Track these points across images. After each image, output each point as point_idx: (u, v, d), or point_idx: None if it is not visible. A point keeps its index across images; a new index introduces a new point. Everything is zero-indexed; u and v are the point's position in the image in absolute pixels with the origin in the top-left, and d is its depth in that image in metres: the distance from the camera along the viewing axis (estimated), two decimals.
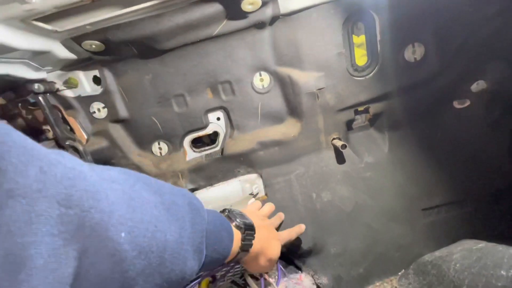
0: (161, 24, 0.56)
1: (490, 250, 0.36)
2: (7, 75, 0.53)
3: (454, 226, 0.71)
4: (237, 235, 0.41)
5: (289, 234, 0.60)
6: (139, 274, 0.24)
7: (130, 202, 0.24)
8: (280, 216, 0.66)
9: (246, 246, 0.41)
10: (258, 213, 0.56)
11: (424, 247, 0.69)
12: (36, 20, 0.46)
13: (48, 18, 0.47)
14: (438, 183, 0.73)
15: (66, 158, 0.20)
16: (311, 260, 0.69)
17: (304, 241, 0.69)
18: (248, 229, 0.42)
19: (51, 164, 0.18)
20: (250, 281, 0.49)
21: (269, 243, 0.48)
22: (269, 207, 0.62)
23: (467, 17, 0.63)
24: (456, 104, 0.73)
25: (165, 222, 0.27)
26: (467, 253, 0.38)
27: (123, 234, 0.22)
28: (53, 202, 0.17)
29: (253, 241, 0.43)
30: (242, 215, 0.44)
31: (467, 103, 0.72)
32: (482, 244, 0.38)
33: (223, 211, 0.45)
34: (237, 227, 0.41)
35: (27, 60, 0.57)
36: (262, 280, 0.49)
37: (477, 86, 0.71)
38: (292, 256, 0.70)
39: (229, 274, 0.59)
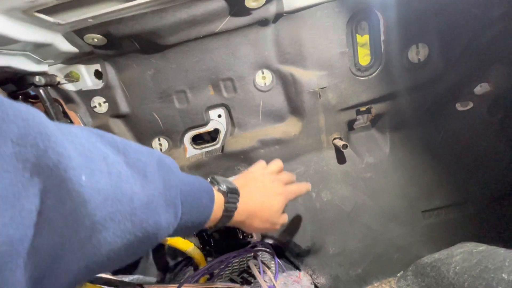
0: (164, 19, 0.56)
1: (491, 253, 0.35)
2: (8, 67, 0.53)
3: (454, 228, 0.71)
4: (220, 197, 0.39)
5: (298, 188, 0.53)
6: (108, 220, 0.23)
7: (90, 154, 0.23)
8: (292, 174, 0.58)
9: (229, 208, 0.40)
10: (261, 170, 0.51)
11: (424, 249, 0.69)
12: (38, 11, 0.46)
13: (51, 10, 0.47)
14: (438, 185, 0.72)
15: (24, 105, 0.19)
16: (310, 259, 0.69)
17: (303, 240, 0.69)
18: (231, 192, 0.41)
19: (3, 105, 0.18)
20: (254, 270, 0.49)
21: (265, 201, 0.45)
22: (276, 164, 0.54)
23: (472, 19, 0.63)
24: (459, 106, 0.73)
25: (130, 177, 0.26)
26: (467, 255, 0.38)
27: (83, 177, 0.21)
28: (6, 140, 0.17)
29: (238, 204, 0.41)
30: (226, 181, 0.42)
31: (470, 105, 0.72)
32: (482, 247, 0.38)
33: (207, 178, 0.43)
34: (219, 190, 0.40)
35: (28, 53, 0.56)
36: (262, 274, 0.49)
37: (481, 88, 0.71)
38: (291, 255, 0.70)
39: (227, 271, 0.59)
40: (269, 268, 0.54)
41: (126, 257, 0.27)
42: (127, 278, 0.51)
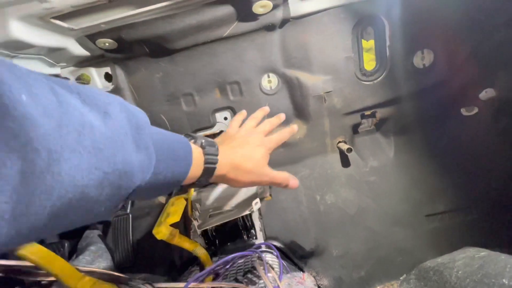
0: (174, 24, 0.57)
1: (493, 259, 0.36)
2: None
3: (457, 233, 0.71)
4: (198, 151, 0.37)
5: (280, 135, 0.49)
6: (66, 150, 0.19)
7: (32, 82, 0.20)
8: (279, 116, 0.54)
9: (210, 160, 0.38)
10: (235, 129, 0.49)
11: (427, 253, 0.69)
12: (54, 18, 0.48)
13: (65, 16, 0.49)
14: (442, 189, 0.73)
15: None
16: (313, 261, 0.70)
17: (306, 242, 0.70)
18: (209, 145, 0.38)
19: None
20: (260, 270, 0.50)
21: (244, 153, 0.43)
22: (251, 120, 0.51)
23: (477, 25, 0.63)
24: (464, 111, 0.73)
25: (87, 111, 0.23)
26: (469, 260, 0.38)
27: (24, 97, 0.17)
28: None
29: (219, 156, 0.39)
30: (202, 136, 0.40)
31: (475, 110, 0.72)
32: (484, 252, 0.38)
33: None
34: (196, 143, 0.38)
35: (43, 56, 0.58)
36: (267, 275, 0.50)
37: (486, 94, 0.71)
38: (294, 256, 0.70)
39: (232, 271, 0.60)
40: (273, 269, 0.55)
41: (100, 200, 0.23)
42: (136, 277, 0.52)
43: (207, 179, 0.38)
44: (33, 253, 0.31)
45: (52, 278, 0.39)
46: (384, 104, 0.71)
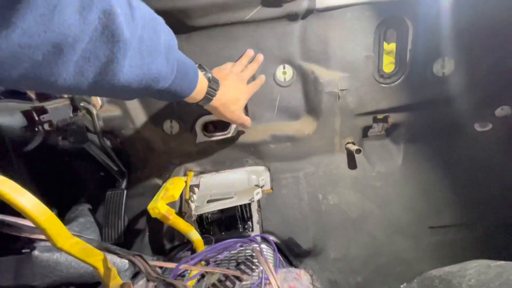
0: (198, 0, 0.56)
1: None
2: None
3: (461, 248, 0.69)
4: (204, 81, 0.50)
5: (255, 85, 0.65)
6: (131, 49, 0.31)
7: None
8: (258, 60, 0.65)
9: (210, 92, 0.52)
10: (230, 69, 0.61)
11: (428, 266, 0.66)
12: None
13: None
14: (449, 203, 0.71)
15: None
16: (309, 261, 0.67)
17: (304, 241, 0.67)
18: (214, 81, 0.52)
19: None
20: (259, 257, 0.47)
21: (235, 96, 0.58)
22: (240, 63, 0.63)
23: (502, 41, 0.62)
24: (478, 127, 0.72)
25: (144, 27, 0.33)
26: (484, 269, 0.36)
27: (118, 10, 0.28)
28: None
29: (218, 92, 0.53)
30: (210, 72, 0.53)
31: (489, 126, 0.71)
32: (501, 262, 0.36)
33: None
34: (205, 76, 0.51)
35: None
36: (262, 270, 0.47)
37: (502, 111, 0.70)
38: (290, 254, 0.68)
39: (224, 261, 0.57)
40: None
41: (133, 89, 0.34)
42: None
43: (203, 104, 0.53)
44: (24, 199, 0.28)
45: (38, 236, 0.36)
46: (398, 109, 0.70)
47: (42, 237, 0.34)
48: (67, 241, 0.32)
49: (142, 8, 0.33)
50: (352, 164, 0.73)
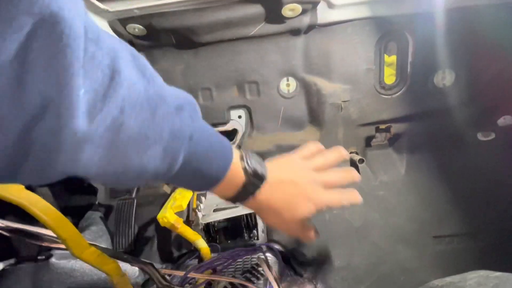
0: (204, 17, 0.59)
1: (509, 278, 0.35)
2: None
3: (464, 258, 0.69)
4: (239, 174, 0.32)
5: (340, 198, 0.40)
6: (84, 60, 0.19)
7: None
8: (341, 153, 0.43)
9: (247, 192, 0.33)
10: (301, 162, 0.40)
11: (431, 275, 0.66)
12: None
13: None
14: (452, 212, 0.71)
15: None
16: (313, 269, 0.68)
17: (308, 249, 0.69)
18: (255, 177, 0.33)
19: None
20: (264, 266, 0.49)
21: (291, 202, 0.36)
22: (324, 159, 0.41)
23: (503, 52, 0.63)
24: (480, 136, 0.72)
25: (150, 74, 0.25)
26: (483, 280, 0.37)
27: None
28: None
29: (257, 193, 0.34)
30: (259, 161, 0.35)
31: (492, 136, 0.71)
32: (499, 273, 0.37)
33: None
34: (244, 168, 0.32)
35: None
36: (270, 272, 0.49)
37: (504, 120, 0.70)
38: (294, 262, 0.69)
39: (230, 269, 0.59)
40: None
41: (144, 136, 0.24)
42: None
43: (234, 202, 0.35)
44: (47, 214, 0.31)
45: (57, 245, 0.39)
46: (400, 119, 0.71)
47: (61, 246, 0.37)
48: (85, 251, 0.35)
49: (132, 79, 0.23)
50: None
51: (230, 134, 0.79)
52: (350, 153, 0.74)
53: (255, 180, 0.33)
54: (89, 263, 0.35)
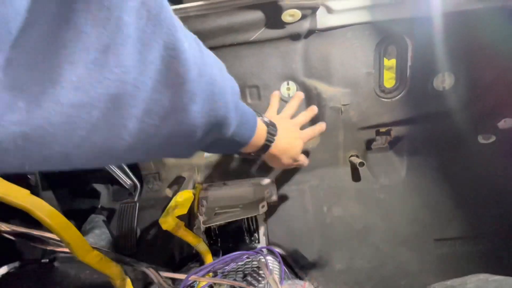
0: (206, 23, 0.60)
1: (508, 282, 0.35)
2: None
3: (466, 262, 0.69)
4: (262, 126, 0.45)
5: (312, 131, 0.60)
6: (199, 94, 0.25)
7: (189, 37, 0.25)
8: (313, 109, 0.63)
9: (270, 138, 0.46)
10: (284, 117, 0.59)
11: (433, 279, 0.66)
12: None
13: None
14: (454, 215, 0.71)
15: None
16: (315, 272, 0.69)
17: (309, 253, 0.69)
18: (272, 125, 0.47)
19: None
20: (264, 269, 0.49)
21: (291, 142, 0.53)
22: (304, 117, 0.61)
23: (502, 55, 0.63)
24: (481, 139, 0.72)
25: (214, 66, 0.29)
26: (482, 283, 0.37)
27: (186, 45, 0.23)
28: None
29: (276, 137, 0.47)
30: (267, 118, 0.48)
31: (492, 139, 0.71)
32: (500, 276, 0.37)
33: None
34: (262, 121, 0.46)
35: None
36: (270, 274, 0.49)
37: (505, 123, 0.70)
38: (296, 265, 0.69)
39: (231, 272, 0.59)
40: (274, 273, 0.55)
41: (197, 138, 0.28)
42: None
43: (263, 152, 0.48)
44: (51, 218, 0.32)
45: (61, 249, 0.39)
46: (400, 122, 0.71)
47: (65, 249, 0.38)
48: (88, 254, 0.35)
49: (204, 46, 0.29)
50: (356, 176, 0.74)
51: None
52: (351, 156, 0.74)
53: (272, 128, 0.47)
54: (92, 266, 0.36)
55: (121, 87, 0.18)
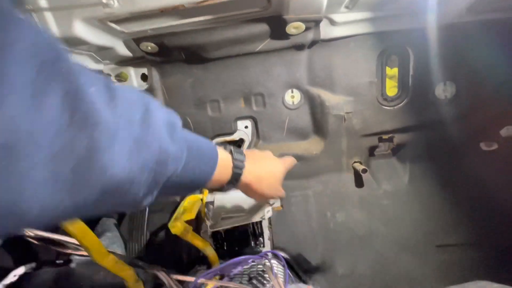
0: (213, 36, 0.62)
1: None
2: None
3: (468, 268, 0.69)
4: (226, 155, 0.40)
5: (291, 159, 0.56)
6: (116, 136, 0.23)
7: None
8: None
9: (238, 165, 0.41)
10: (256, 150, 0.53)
11: (435, 284, 0.67)
12: (111, 21, 0.54)
13: (120, 20, 0.55)
14: (456, 222, 0.72)
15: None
16: (318, 277, 0.70)
17: (313, 257, 0.70)
18: (238, 153, 0.42)
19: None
20: (269, 273, 0.51)
21: (269, 167, 0.47)
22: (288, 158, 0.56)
23: (504, 64, 0.64)
24: (483, 146, 0.73)
25: (133, 106, 0.27)
26: None
27: (92, 89, 0.22)
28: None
29: (246, 162, 0.42)
30: (231, 146, 0.43)
31: (495, 146, 0.72)
32: (499, 285, 0.38)
33: None
34: (226, 149, 0.41)
35: (92, 53, 0.64)
36: (275, 278, 0.51)
37: (507, 131, 0.71)
38: (299, 269, 0.71)
39: (237, 275, 0.61)
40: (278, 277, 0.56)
41: (140, 183, 0.26)
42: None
43: (234, 184, 0.42)
44: (73, 225, 0.34)
45: (80, 252, 0.42)
46: (402, 130, 0.73)
47: (83, 253, 0.40)
48: (105, 258, 0.38)
49: (124, 88, 0.27)
50: (359, 183, 0.76)
51: (237, 144, 0.82)
52: (354, 162, 0.76)
53: (238, 155, 0.42)
54: (108, 269, 0.39)
55: (12, 136, 0.17)
